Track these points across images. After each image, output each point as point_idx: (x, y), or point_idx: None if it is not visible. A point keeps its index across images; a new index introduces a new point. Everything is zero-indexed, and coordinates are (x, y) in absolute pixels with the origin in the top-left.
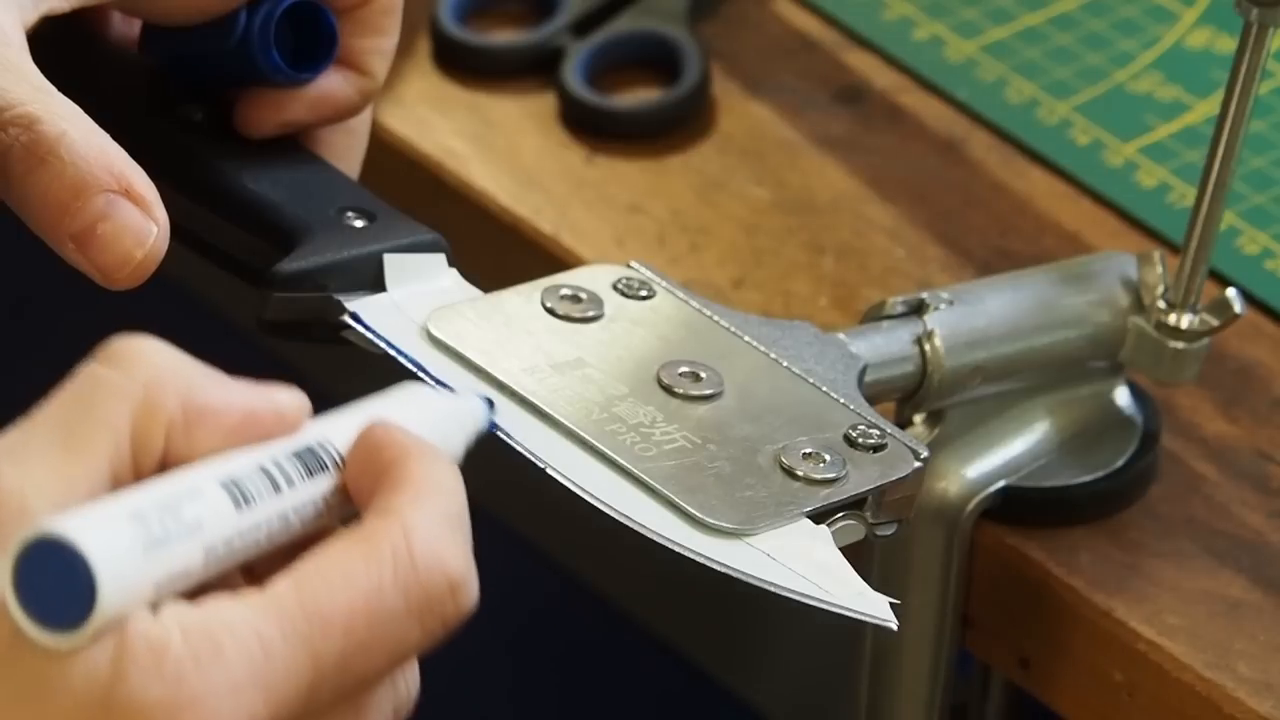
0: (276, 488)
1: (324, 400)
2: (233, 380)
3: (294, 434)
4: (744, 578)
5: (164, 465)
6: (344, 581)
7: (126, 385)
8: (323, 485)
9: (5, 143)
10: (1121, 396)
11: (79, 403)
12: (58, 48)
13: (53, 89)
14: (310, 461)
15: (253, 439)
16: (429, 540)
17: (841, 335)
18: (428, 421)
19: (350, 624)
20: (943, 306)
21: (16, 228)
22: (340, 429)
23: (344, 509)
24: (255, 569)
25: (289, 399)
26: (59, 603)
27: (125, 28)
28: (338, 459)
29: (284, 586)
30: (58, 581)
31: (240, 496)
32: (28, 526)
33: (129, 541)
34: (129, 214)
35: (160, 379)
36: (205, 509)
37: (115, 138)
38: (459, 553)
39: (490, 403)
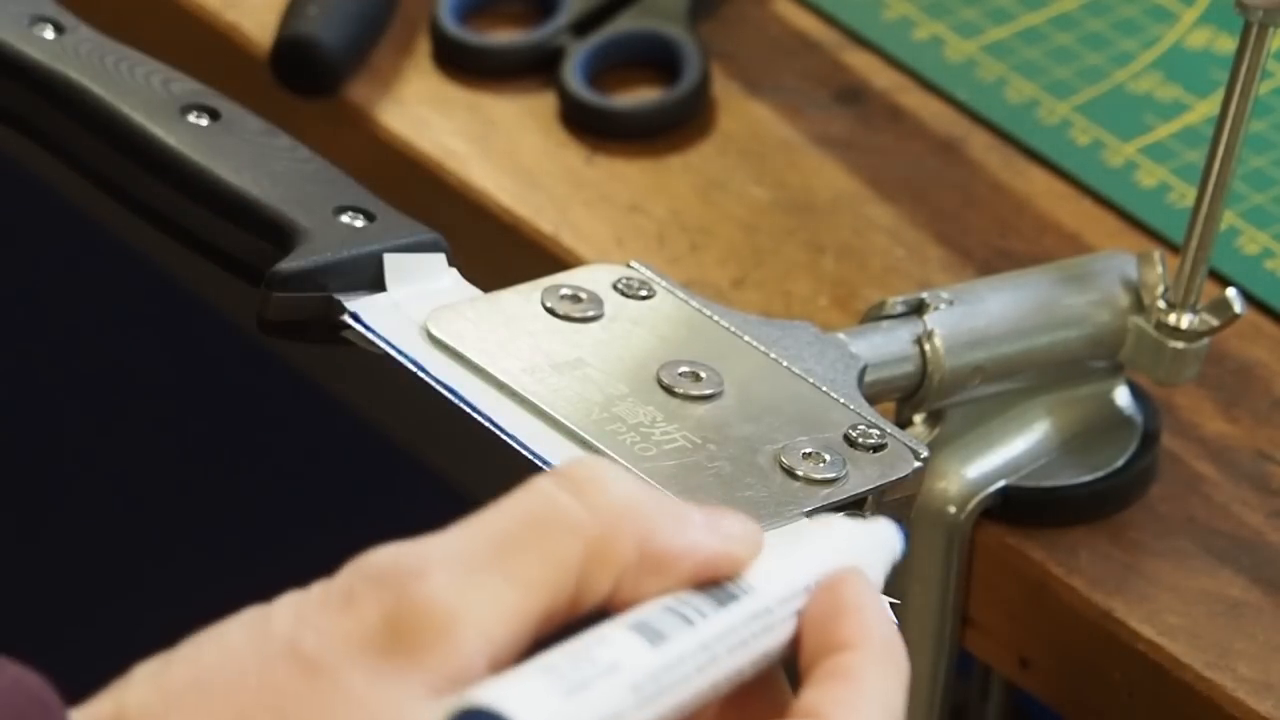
0: (689, 622)
1: (324, 399)
2: (689, 514)
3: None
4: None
5: (605, 609)
6: None
7: (585, 521)
8: (736, 616)
9: None
10: (1121, 396)
11: (531, 528)
12: (61, 44)
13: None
14: (720, 596)
15: (703, 583)
16: None
17: (841, 335)
18: (855, 556)
19: None
20: (943, 306)
21: (18, 223)
22: (773, 571)
23: (775, 648)
24: None
25: (742, 541)
26: None
27: None
28: (749, 590)
29: None
30: None
31: (653, 634)
32: (450, 656)
33: (545, 692)
34: None
35: (621, 519)
36: (618, 651)
37: (117, 136)
38: None
39: (901, 525)
